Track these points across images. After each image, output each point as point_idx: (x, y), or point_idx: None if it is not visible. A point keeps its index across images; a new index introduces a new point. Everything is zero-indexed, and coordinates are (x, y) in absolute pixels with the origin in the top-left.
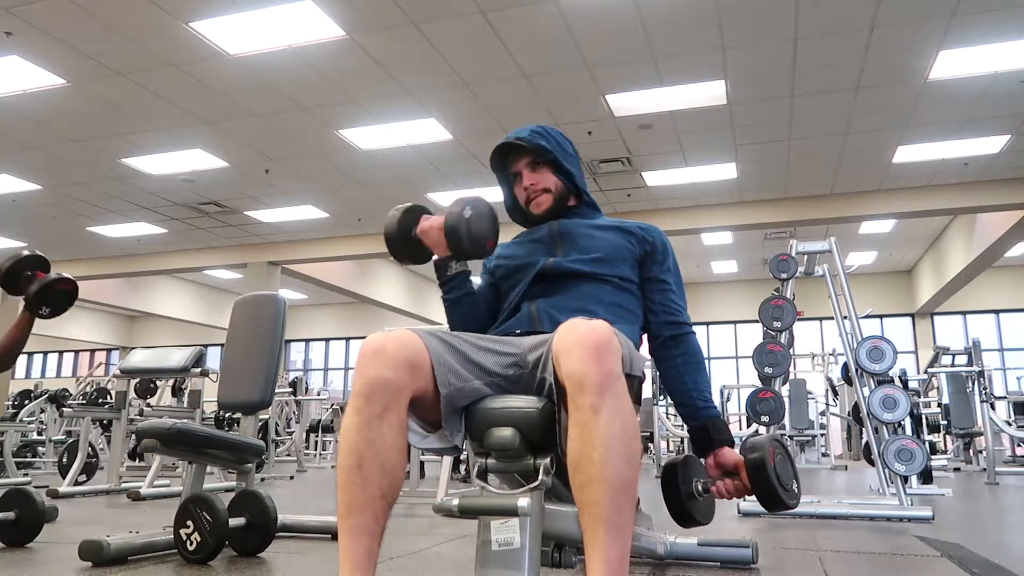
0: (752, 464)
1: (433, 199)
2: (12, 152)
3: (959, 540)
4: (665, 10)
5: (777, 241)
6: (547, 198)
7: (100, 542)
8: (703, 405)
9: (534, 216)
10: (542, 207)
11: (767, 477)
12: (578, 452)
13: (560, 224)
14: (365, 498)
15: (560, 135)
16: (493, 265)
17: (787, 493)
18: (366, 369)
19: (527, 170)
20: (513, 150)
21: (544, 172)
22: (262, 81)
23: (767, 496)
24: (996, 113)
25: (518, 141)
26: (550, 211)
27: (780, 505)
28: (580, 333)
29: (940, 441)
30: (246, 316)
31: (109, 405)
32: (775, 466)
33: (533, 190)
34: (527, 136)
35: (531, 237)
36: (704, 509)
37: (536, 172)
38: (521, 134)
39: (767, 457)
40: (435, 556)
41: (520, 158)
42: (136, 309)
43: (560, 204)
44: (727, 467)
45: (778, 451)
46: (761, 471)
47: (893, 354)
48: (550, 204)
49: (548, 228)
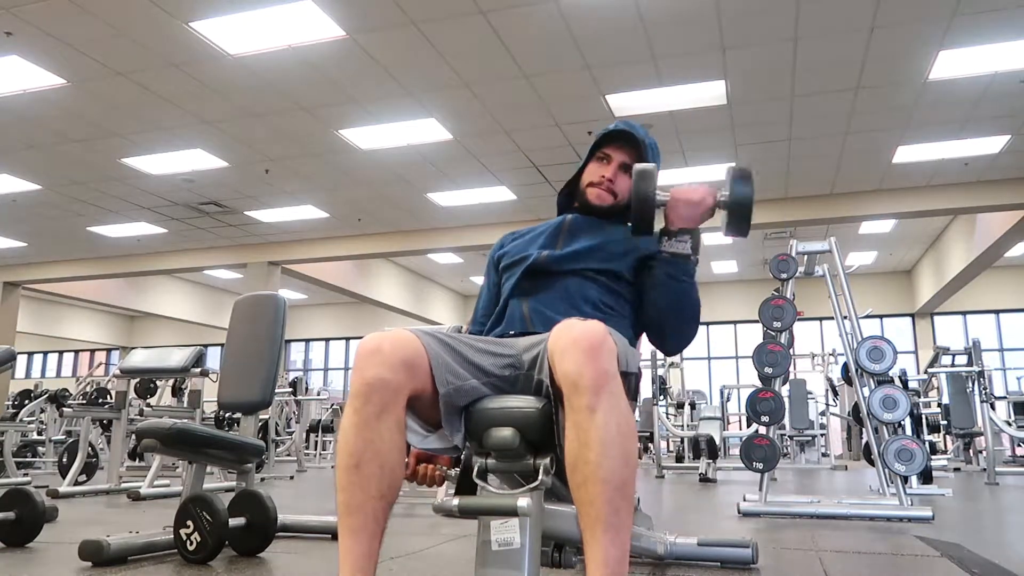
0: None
1: (433, 199)
2: (12, 152)
3: (959, 540)
4: (665, 10)
5: (777, 241)
6: (610, 199)
7: (100, 542)
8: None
9: (584, 201)
10: (600, 201)
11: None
12: (575, 452)
13: (574, 219)
14: (364, 498)
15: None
16: (498, 256)
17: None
18: (364, 369)
19: (617, 166)
20: (620, 139)
21: (628, 178)
22: (262, 81)
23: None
24: (996, 113)
25: (634, 133)
26: (600, 210)
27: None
28: (574, 334)
29: (940, 441)
30: (246, 316)
31: (109, 405)
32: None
33: (606, 182)
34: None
35: (539, 230)
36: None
37: (622, 173)
38: (640, 132)
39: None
40: (435, 556)
41: (619, 149)
42: (136, 309)
43: (610, 213)
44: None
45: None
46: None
47: (893, 354)
48: (607, 206)
49: (560, 221)
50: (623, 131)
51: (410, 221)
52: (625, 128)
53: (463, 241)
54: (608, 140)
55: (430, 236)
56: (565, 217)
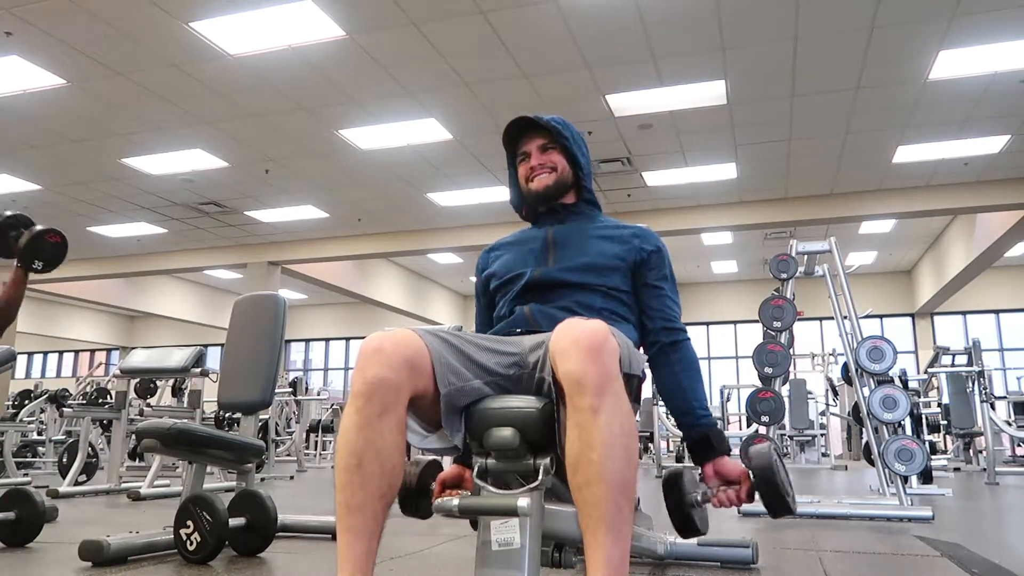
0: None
1: (433, 199)
2: (12, 152)
3: (959, 540)
4: (665, 10)
5: (777, 241)
6: (551, 176)
7: (100, 542)
8: (702, 415)
9: (535, 197)
10: (543, 183)
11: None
12: (577, 453)
13: (556, 231)
14: (364, 498)
15: (576, 131)
16: (485, 277)
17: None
18: (366, 368)
19: (537, 151)
20: (527, 130)
21: (553, 154)
22: (262, 81)
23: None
24: (996, 113)
25: (536, 118)
26: (549, 191)
27: (786, 510)
28: (576, 333)
29: (940, 441)
30: (246, 316)
31: (109, 405)
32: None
33: (540, 168)
34: (543, 119)
35: (525, 238)
36: (703, 518)
37: (545, 154)
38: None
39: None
40: (435, 556)
41: (532, 139)
42: (136, 309)
43: (560, 187)
44: (729, 477)
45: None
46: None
47: (893, 354)
48: (551, 182)
49: (544, 234)
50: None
51: (410, 221)
52: (516, 120)
53: (463, 241)
54: (511, 141)
55: (430, 236)
56: (547, 230)
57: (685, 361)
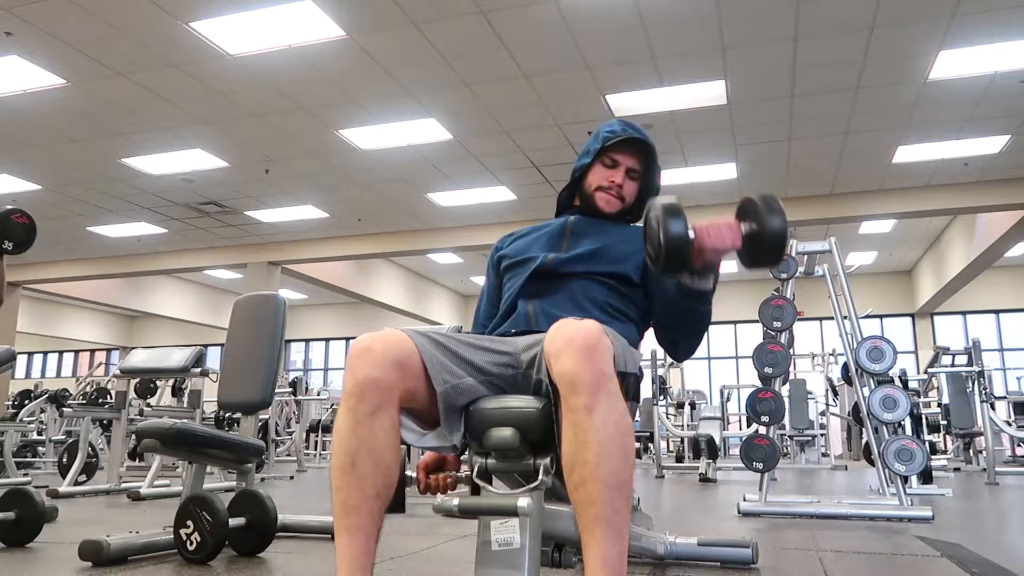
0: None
1: (433, 199)
2: (12, 152)
3: (959, 540)
4: (665, 10)
5: None
6: (618, 204)
7: (100, 542)
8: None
9: (591, 204)
10: (609, 207)
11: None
12: (572, 453)
13: (576, 221)
14: (360, 497)
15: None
16: (498, 257)
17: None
18: (356, 369)
19: (624, 173)
20: (628, 145)
21: (632, 182)
22: (262, 81)
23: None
24: (996, 113)
25: (646, 140)
26: (602, 213)
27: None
28: (569, 333)
29: (940, 441)
30: (246, 316)
31: (109, 405)
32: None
33: (615, 187)
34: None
35: (542, 230)
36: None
37: (629, 180)
38: (646, 136)
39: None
40: (435, 556)
41: (627, 154)
42: (136, 309)
43: (618, 216)
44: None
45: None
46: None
47: (893, 354)
48: (614, 211)
49: (564, 222)
50: (632, 138)
51: (410, 221)
52: (634, 134)
53: (463, 241)
54: (616, 144)
55: (430, 236)
56: (568, 218)
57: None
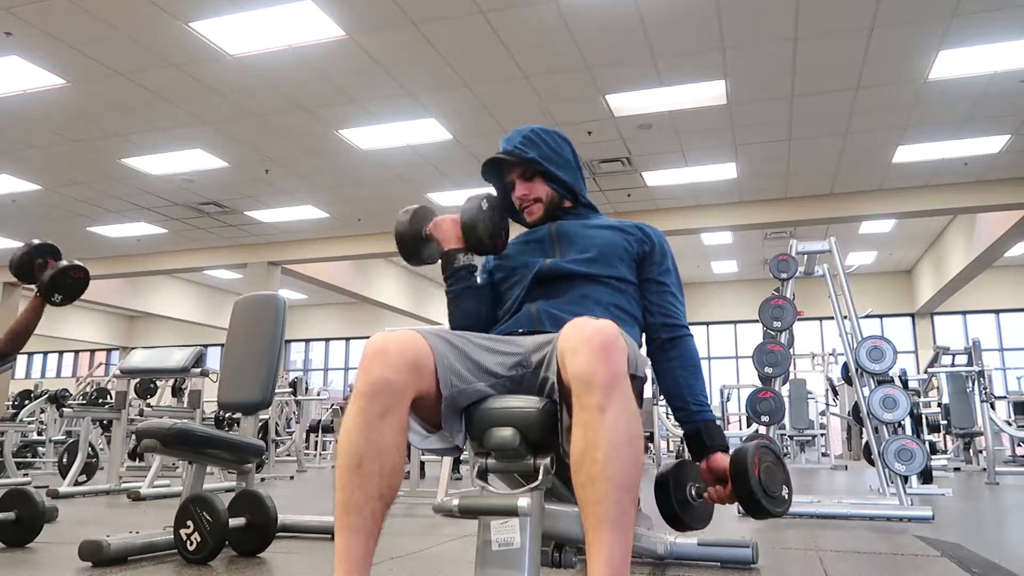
0: (735, 472)
1: (433, 199)
2: (12, 152)
3: (959, 540)
4: (665, 10)
5: (777, 241)
6: (538, 207)
7: (100, 542)
8: (697, 409)
9: (530, 225)
10: (534, 215)
11: (747, 486)
12: (581, 451)
13: (559, 225)
14: (364, 498)
15: (555, 138)
16: (492, 266)
17: (772, 500)
18: (370, 369)
19: (519, 180)
20: (496, 166)
21: (536, 182)
22: (262, 81)
23: (748, 504)
24: (996, 113)
25: (505, 156)
26: (543, 218)
27: (764, 513)
28: (587, 332)
29: (940, 441)
30: (246, 316)
31: (109, 405)
32: (759, 475)
33: (525, 200)
34: (516, 147)
35: (530, 238)
36: (699, 513)
37: (528, 182)
38: (510, 144)
39: (749, 467)
40: (435, 556)
41: (512, 168)
42: (136, 309)
43: (552, 210)
44: (718, 473)
45: (765, 458)
46: (743, 480)
47: (893, 354)
48: (541, 213)
49: (547, 229)
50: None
51: None
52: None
53: None
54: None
55: None
56: (549, 227)
57: (683, 357)
